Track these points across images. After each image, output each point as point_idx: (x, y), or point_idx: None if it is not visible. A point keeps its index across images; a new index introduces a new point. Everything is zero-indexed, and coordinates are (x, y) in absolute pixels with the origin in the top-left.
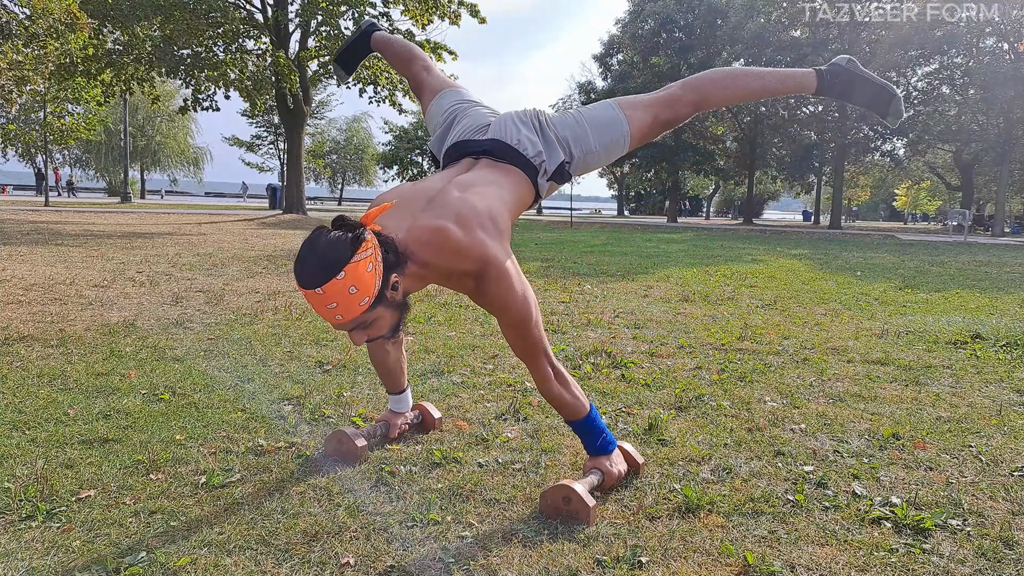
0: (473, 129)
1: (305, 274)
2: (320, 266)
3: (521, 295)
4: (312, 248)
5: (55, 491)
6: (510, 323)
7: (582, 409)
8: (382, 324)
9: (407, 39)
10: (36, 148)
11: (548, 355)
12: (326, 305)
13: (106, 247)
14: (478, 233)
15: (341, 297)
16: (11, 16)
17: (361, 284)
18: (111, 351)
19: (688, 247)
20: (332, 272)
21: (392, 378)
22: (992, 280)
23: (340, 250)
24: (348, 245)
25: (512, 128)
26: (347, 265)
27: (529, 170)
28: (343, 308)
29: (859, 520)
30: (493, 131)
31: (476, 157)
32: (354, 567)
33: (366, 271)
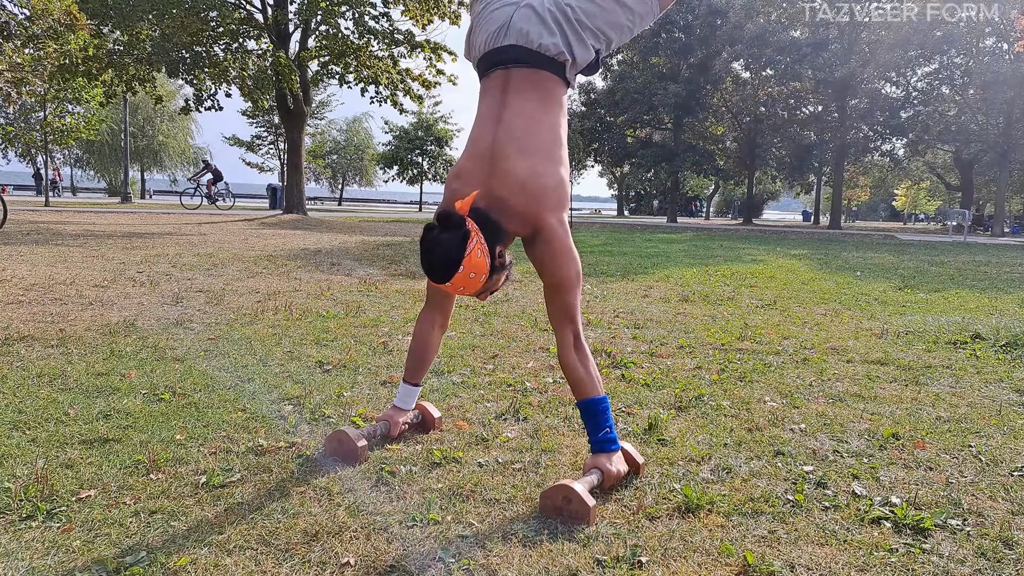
0: (492, 36)
1: (435, 274)
2: (443, 266)
3: (567, 262)
4: (432, 252)
5: (55, 491)
6: (550, 284)
7: (592, 390)
8: (498, 281)
9: (407, 39)
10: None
11: (576, 325)
12: (456, 289)
13: (106, 247)
14: (539, 204)
15: (465, 282)
16: (10, 17)
17: (478, 269)
18: (111, 351)
19: (688, 247)
20: (454, 269)
21: (419, 364)
22: (992, 280)
23: (455, 251)
24: (459, 244)
25: (532, 27)
26: (464, 260)
27: (555, 68)
28: (469, 288)
29: (859, 520)
30: (513, 32)
31: (506, 67)
32: (354, 567)
33: (477, 258)
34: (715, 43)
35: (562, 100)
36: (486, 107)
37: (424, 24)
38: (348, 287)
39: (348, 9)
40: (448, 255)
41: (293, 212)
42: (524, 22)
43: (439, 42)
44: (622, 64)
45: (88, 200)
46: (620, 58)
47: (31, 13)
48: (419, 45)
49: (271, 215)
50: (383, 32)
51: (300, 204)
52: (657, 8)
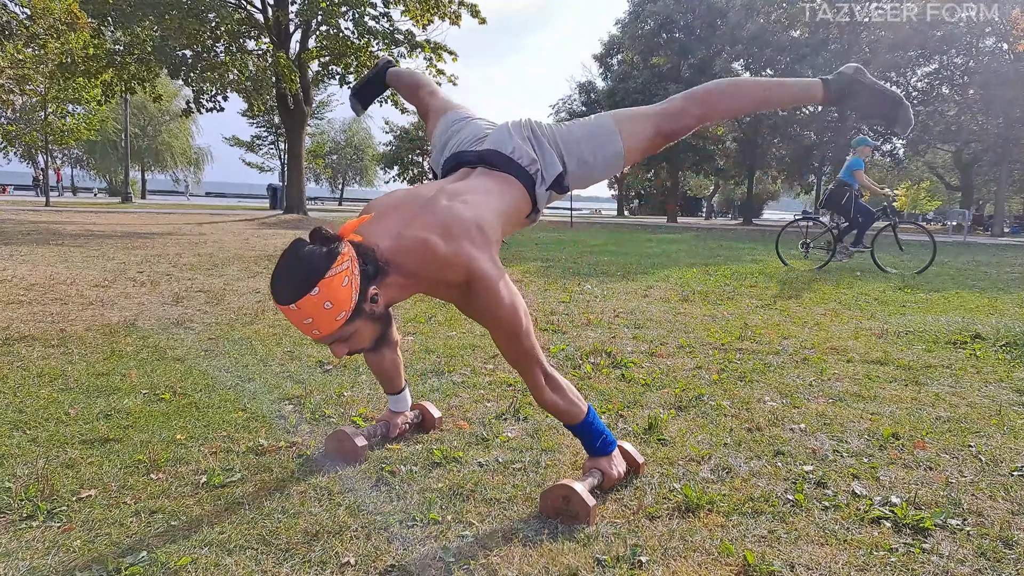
0: (470, 140)
1: (279, 290)
2: (294, 282)
3: (509, 305)
4: (286, 263)
5: (56, 491)
6: (500, 333)
7: (579, 413)
8: (362, 337)
9: (407, 39)
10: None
11: (541, 363)
12: (302, 320)
13: (107, 247)
14: (464, 244)
15: (316, 312)
16: (11, 16)
17: (336, 299)
18: (112, 351)
19: (688, 247)
20: (306, 288)
21: (388, 380)
22: (992, 280)
23: (314, 265)
24: (323, 260)
25: (507, 138)
26: (321, 280)
27: (524, 179)
28: (319, 323)
29: (859, 520)
30: (490, 141)
31: (472, 166)
32: (354, 567)
33: (341, 285)
34: (715, 43)
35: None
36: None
37: (424, 24)
38: None
39: (348, 9)
40: (305, 268)
41: (293, 212)
42: (503, 134)
43: (439, 42)
44: (622, 64)
45: (88, 200)
46: (620, 58)
47: (32, 12)
48: (419, 45)
49: (271, 215)
50: (383, 32)
51: (300, 204)
52: (624, 163)
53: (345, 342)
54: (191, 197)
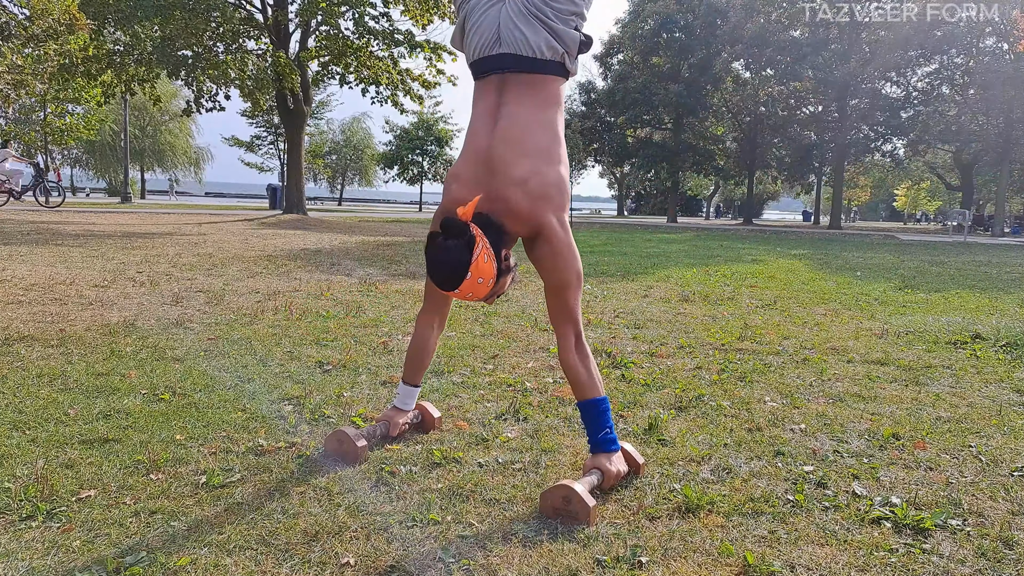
0: (488, 42)
1: (442, 282)
2: (451, 274)
3: (567, 262)
4: (439, 260)
5: (55, 491)
6: (551, 284)
7: (595, 391)
8: (504, 284)
9: (407, 39)
10: (36, 148)
11: (578, 325)
12: (464, 295)
13: (106, 247)
14: (540, 204)
15: (473, 287)
16: (10, 17)
17: (485, 274)
18: (111, 351)
19: (688, 247)
20: (461, 276)
21: (419, 366)
22: (992, 280)
23: (461, 258)
24: (465, 250)
25: (520, 34)
26: (471, 267)
27: (554, 68)
28: (477, 293)
29: (859, 520)
30: (506, 41)
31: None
32: (354, 567)
33: (484, 263)
34: (715, 43)
35: (559, 97)
36: (482, 109)
37: (424, 24)
38: (348, 287)
39: (348, 9)
40: (455, 263)
41: (293, 212)
42: (512, 28)
43: (439, 42)
44: (622, 64)
45: (87, 200)
46: (620, 58)
47: (31, 13)
48: (419, 45)
49: (271, 215)
50: (383, 32)
51: (300, 204)
52: None
53: (495, 295)
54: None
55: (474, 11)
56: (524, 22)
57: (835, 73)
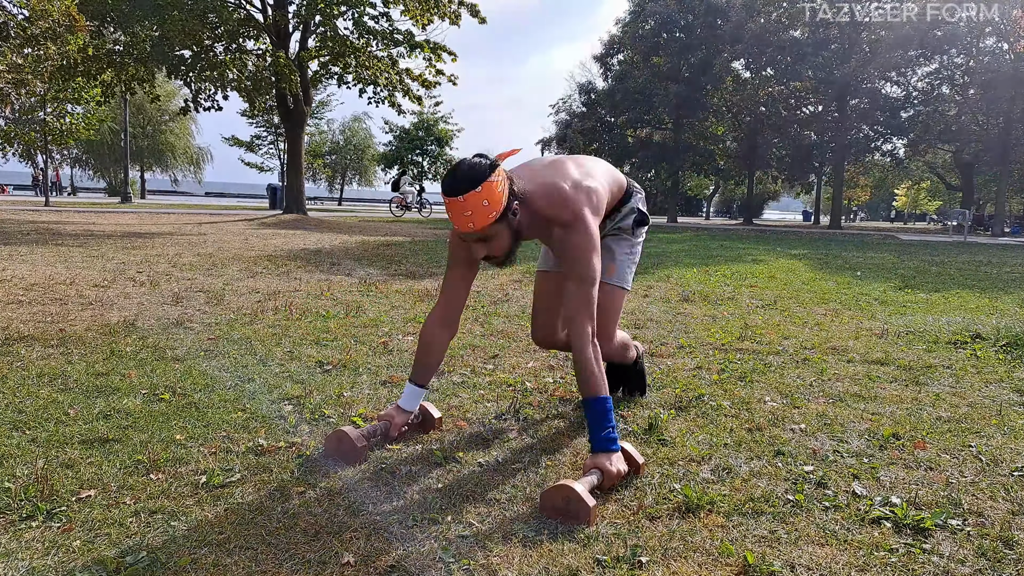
0: None
1: (453, 185)
2: (465, 180)
3: (593, 256)
4: (459, 167)
5: (55, 491)
6: (576, 274)
7: (601, 388)
8: (499, 242)
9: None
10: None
11: (594, 320)
12: (463, 212)
13: (106, 247)
14: (581, 195)
15: (476, 207)
16: (9, 17)
17: (492, 199)
18: (111, 351)
19: (688, 247)
20: (473, 185)
21: (428, 366)
22: (992, 280)
23: (480, 170)
24: (487, 168)
25: None
26: (484, 182)
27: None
28: (476, 216)
29: (859, 520)
30: None
31: None
32: (354, 567)
33: (497, 190)
34: (715, 43)
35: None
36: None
37: (424, 24)
38: (348, 287)
39: (348, 9)
40: (472, 171)
41: (293, 212)
42: None
43: (439, 42)
44: (623, 64)
45: (87, 200)
46: (621, 58)
47: (30, 14)
48: (419, 45)
49: (271, 215)
50: (382, 32)
51: (300, 204)
52: None
53: (486, 244)
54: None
55: None
56: None
57: (835, 73)
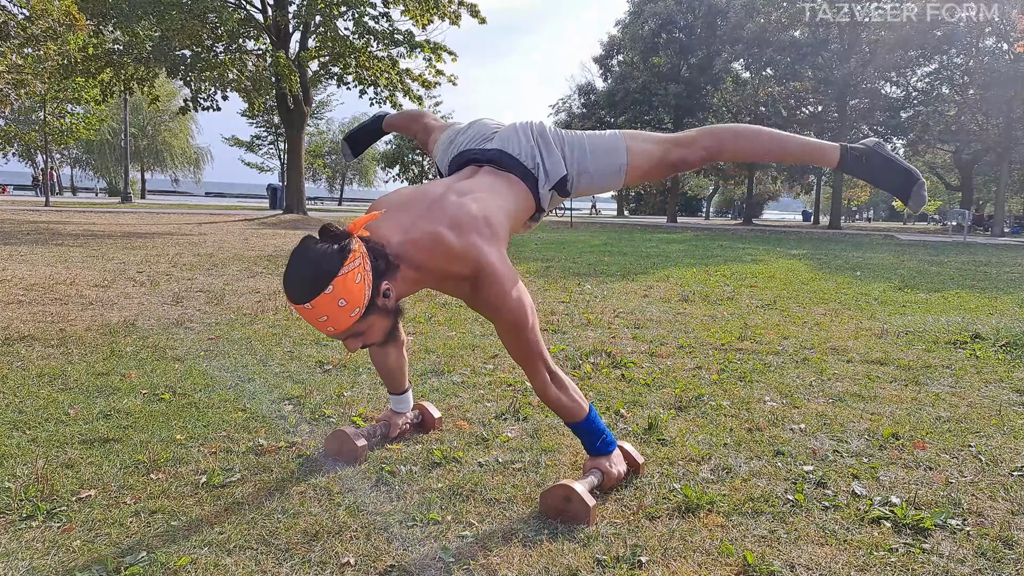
0: (478, 138)
1: (293, 289)
2: (308, 280)
3: (516, 299)
4: (299, 262)
5: (55, 491)
6: (505, 327)
7: (580, 412)
8: (375, 331)
9: (407, 39)
10: (36, 148)
11: (545, 359)
12: (317, 318)
13: (106, 247)
14: (473, 237)
15: (331, 310)
16: (10, 17)
17: (350, 296)
18: (111, 351)
19: (688, 247)
20: (320, 287)
21: (393, 379)
22: (991, 280)
23: (327, 264)
24: (335, 258)
25: (515, 138)
26: (335, 279)
27: (529, 180)
28: (334, 320)
29: (859, 520)
30: (497, 141)
31: (479, 165)
32: (354, 567)
33: (354, 283)
34: (715, 43)
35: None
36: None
37: (424, 24)
38: None
39: (348, 9)
40: (318, 267)
41: (293, 212)
42: (511, 137)
43: (439, 42)
44: (622, 65)
45: (87, 200)
46: (620, 59)
47: (30, 13)
48: (419, 45)
49: (271, 215)
50: (383, 32)
51: (300, 204)
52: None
53: (359, 337)
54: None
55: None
56: (525, 135)
57: (835, 73)
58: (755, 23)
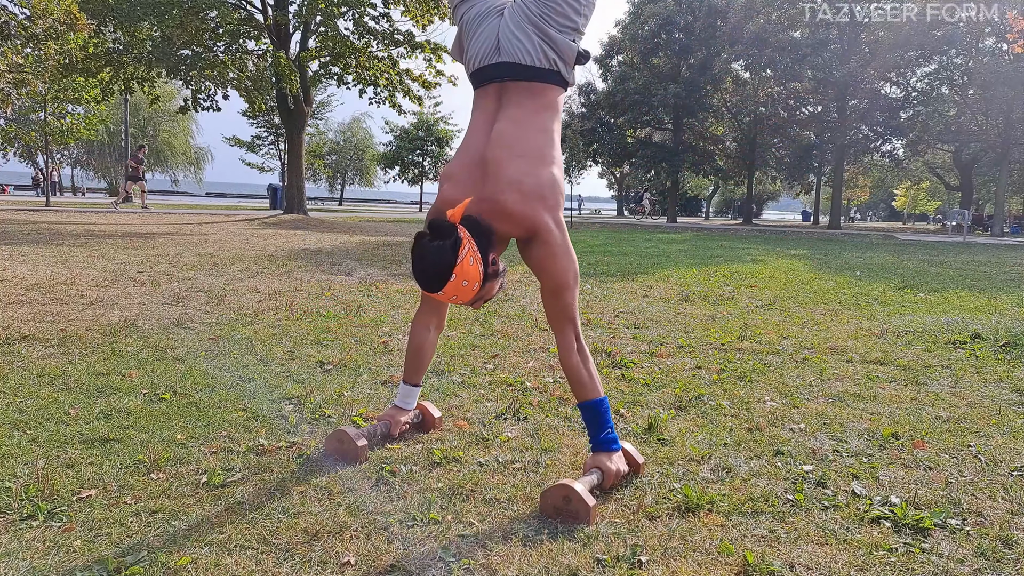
0: (487, 50)
1: (426, 283)
2: (435, 275)
3: (563, 263)
4: (423, 261)
5: (56, 491)
6: (549, 286)
7: (595, 392)
8: (491, 290)
9: (407, 39)
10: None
11: (575, 326)
12: (448, 298)
13: (107, 247)
14: (535, 204)
15: (457, 290)
16: (10, 17)
17: (469, 276)
18: (112, 351)
19: (688, 247)
20: (445, 277)
21: (418, 366)
22: (991, 280)
23: (446, 258)
24: (450, 252)
25: (518, 43)
26: (455, 268)
27: (551, 77)
28: (461, 296)
29: (859, 520)
30: (504, 52)
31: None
32: (355, 566)
33: (470, 265)
34: (715, 43)
35: (557, 105)
36: (480, 116)
37: (424, 25)
38: (348, 287)
39: (348, 10)
40: (439, 263)
41: (293, 212)
42: (511, 38)
43: (439, 43)
44: (622, 65)
45: (87, 200)
46: (620, 59)
47: (31, 13)
48: (419, 45)
49: (271, 215)
50: (383, 33)
51: (300, 204)
52: None
53: (481, 299)
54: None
55: (472, 22)
56: (523, 33)
57: (835, 73)
58: (755, 23)
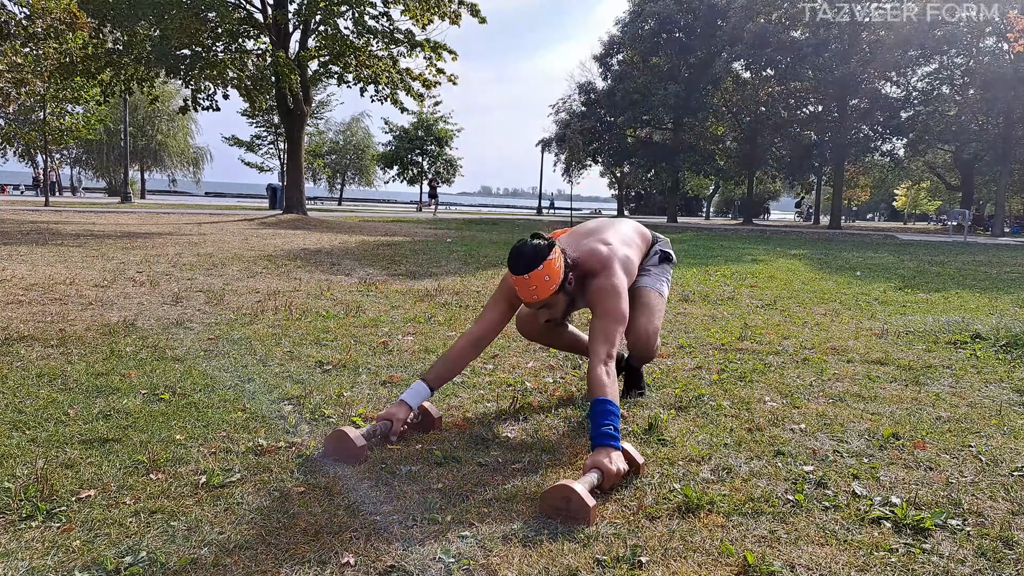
0: None
1: (519, 265)
2: (528, 260)
3: (620, 310)
4: (522, 249)
5: (55, 491)
6: (601, 311)
7: (609, 393)
8: (558, 307)
9: (407, 38)
10: (36, 148)
11: (613, 349)
12: (529, 287)
13: (106, 247)
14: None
15: (539, 283)
16: (10, 16)
17: (553, 275)
18: (111, 351)
19: (688, 247)
20: (535, 265)
21: (446, 372)
22: (992, 280)
23: (541, 252)
24: (545, 248)
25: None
26: (545, 261)
27: (647, 244)
28: (540, 290)
29: (859, 520)
30: None
31: None
32: (354, 567)
33: (556, 266)
34: (715, 43)
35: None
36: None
37: (424, 24)
38: (348, 287)
39: (348, 9)
40: (536, 253)
41: (293, 212)
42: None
43: (439, 41)
44: (622, 64)
45: (87, 200)
46: (620, 58)
47: (31, 12)
48: (419, 44)
49: (271, 215)
50: (383, 32)
51: (300, 204)
52: None
53: (549, 309)
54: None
55: None
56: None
57: (835, 73)
58: (755, 23)
